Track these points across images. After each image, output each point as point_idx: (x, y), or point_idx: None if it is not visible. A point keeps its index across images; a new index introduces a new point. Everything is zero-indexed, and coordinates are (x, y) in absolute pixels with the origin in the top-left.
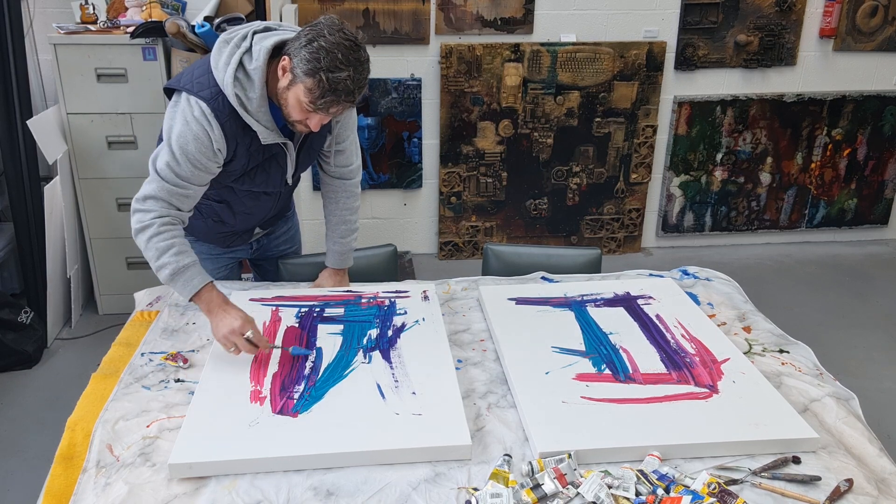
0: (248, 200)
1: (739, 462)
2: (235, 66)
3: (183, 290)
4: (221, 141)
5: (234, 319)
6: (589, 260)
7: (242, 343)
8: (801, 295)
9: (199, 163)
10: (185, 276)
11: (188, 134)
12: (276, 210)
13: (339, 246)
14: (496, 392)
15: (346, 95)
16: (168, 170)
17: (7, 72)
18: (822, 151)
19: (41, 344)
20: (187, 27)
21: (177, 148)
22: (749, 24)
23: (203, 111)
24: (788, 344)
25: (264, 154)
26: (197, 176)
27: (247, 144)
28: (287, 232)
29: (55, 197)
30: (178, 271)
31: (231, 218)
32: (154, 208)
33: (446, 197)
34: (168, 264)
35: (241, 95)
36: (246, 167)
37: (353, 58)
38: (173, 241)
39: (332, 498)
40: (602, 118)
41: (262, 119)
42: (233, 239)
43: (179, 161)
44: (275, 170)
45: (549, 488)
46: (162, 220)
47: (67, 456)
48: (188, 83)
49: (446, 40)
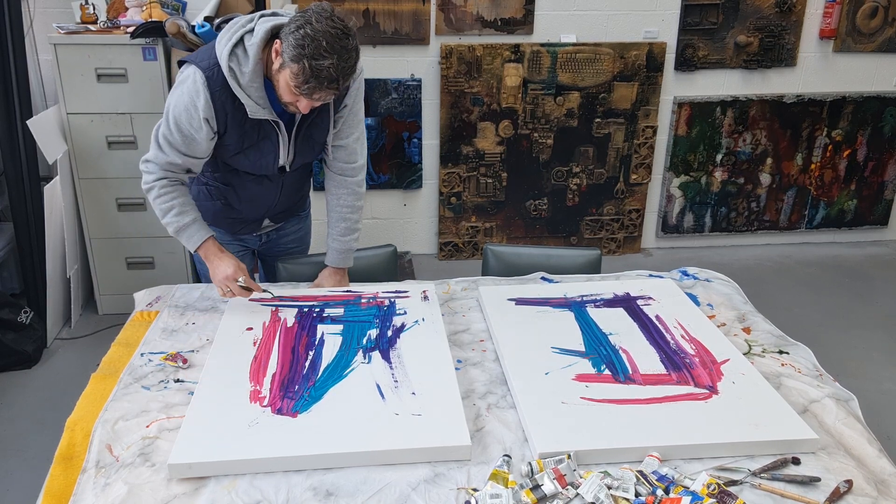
0: (251, 184)
1: (739, 463)
2: (236, 41)
3: (187, 244)
4: (209, 110)
5: (227, 266)
6: (589, 260)
7: (235, 287)
8: (801, 296)
9: (187, 132)
10: (187, 233)
11: (181, 103)
12: (285, 205)
13: (338, 244)
14: (496, 392)
15: (329, 83)
16: (163, 138)
17: (7, 72)
18: (821, 152)
19: (41, 344)
20: (187, 27)
21: (171, 116)
22: (749, 24)
23: (196, 80)
24: (788, 345)
25: (259, 134)
26: (187, 145)
27: (239, 120)
28: (297, 231)
29: (55, 197)
30: (181, 229)
31: (237, 202)
32: (154, 171)
33: (446, 197)
34: (171, 223)
35: (234, 68)
36: (241, 144)
37: (339, 46)
38: (173, 203)
39: (332, 498)
40: (602, 119)
41: (252, 94)
42: (241, 226)
43: (171, 129)
44: (268, 150)
45: (549, 489)
46: (161, 183)
47: (67, 456)
48: (195, 56)
49: (446, 41)
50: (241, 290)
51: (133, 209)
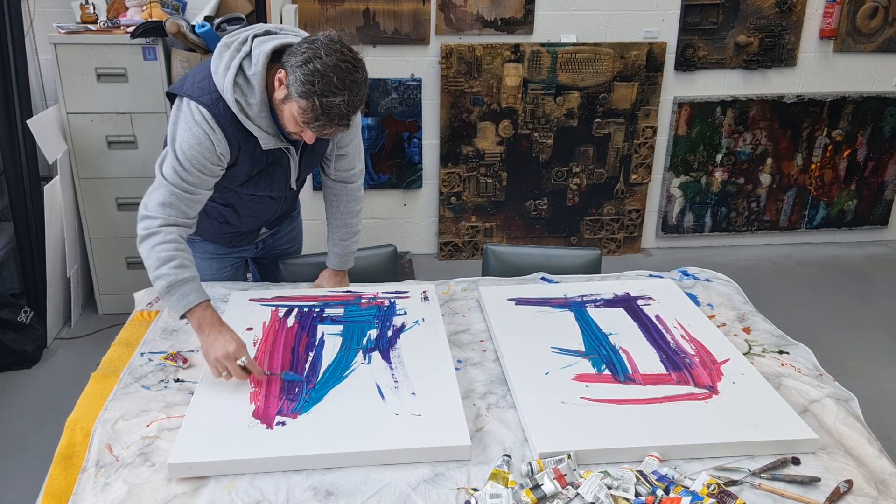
0: (253, 204)
1: (739, 463)
2: (235, 71)
3: (177, 303)
4: (224, 145)
5: (228, 342)
6: (589, 260)
7: (235, 369)
8: (801, 296)
9: (203, 167)
10: (181, 290)
11: (191, 139)
12: (282, 211)
13: (339, 248)
14: (496, 392)
15: (340, 119)
16: (175, 175)
17: (7, 71)
18: (821, 152)
19: (41, 344)
20: (187, 27)
21: (181, 154)
22: (749, 24)
23: (204, 116)
24: (788, 345)
25: (268, 159)
26: (203, 180)
27: (250, 150)
28: (291, 232)
29: (55, 197)
30: (176, 284)
31: (237, 220)
32: (161, 215)
33: (446, 197)
34: (167, 275)
35: (241, 101)
36: (250, 172)
37: (350, 80)
38: (176, 254)
39: (332, 498)
40: (602, 119)
41: (262, 124)
42: (239, 239)
43: (185, 167)
44: (279, 175)
45: (549, 489)
46: (169, 230)
47: (67, 456)
48: (189, 88)
49: (446, 40)
50: (241, 373)
51: (133, 209)
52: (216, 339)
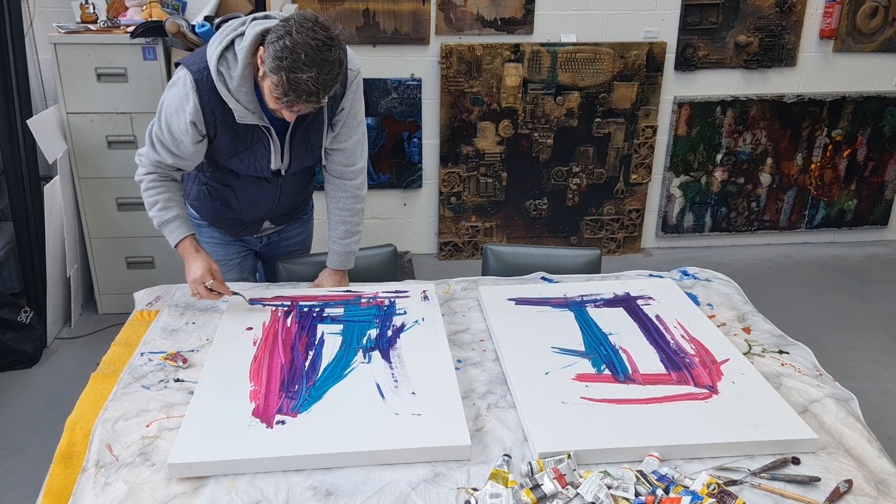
0: (249, 185)
1: (739, 463)
2: (226, 45)
3: (169, 240)
4: (197, 114)
5: (197, 268)
6: (589, 260)
7: (203, 290)
8: (801, 296)
9: (177, 133)
10: (168, 228)
11: (172, 105)
12: (285, 207)
13: (339, 247)
14: (496, 392)
15: (308, 96)
16: (155, 137)
17: (7, 71)
18: (821, 152)
19: (41, 343)
20: (187, 27)
21: (163, 116)
22: (749, 24)
23: (186, 83)
24: (788, 345)
25: (252, 137)
26: (177, 146)
27: (230, 123)
28: (299, 235)
29: (55, 196)
30: (163, 224)
31: (237, 204)
32: (146, 164)
33: (446, 197)
34: (155, 217)
35: (223, 72)
36: (234, 148)
37: (320, 58)
38: (158, 198)
39: (332, 498)
40: (602, 119)
41: (241, 98)
42: (241, 228)
43: (163, 129)
44: (261, 153)
45: (549, 489)
46: (150, 178)
47: (67, 455)
48: (189, 59)
49: (446, 40)
50: (209, 293)
51: (133, 209)
52: (190, 266)
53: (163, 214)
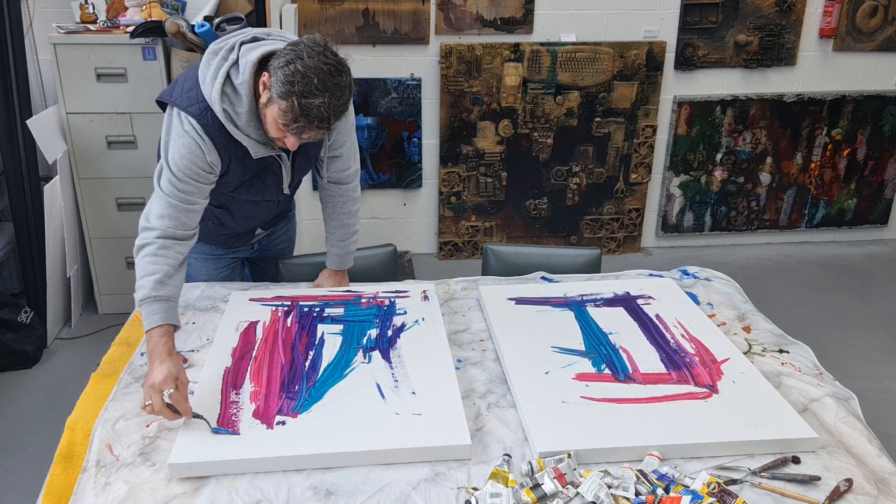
0: (247, 207)
1: (739, 462)
2: (222, 80)
3: (145, 318)
4: (214, 154)
5: (160, 373)
6: (589, 260)
7: (157, 401)
8: (801, 295)
9: (197, 176)
10: (151, 308)
11: (183, 150)
12: (277, 213)
13: (338, 248)
14: (496, 392)
15: (320, 122)
16: (171, 186)
17: (7, 71)
18: (821, 151)
19: (41, 344)
20: (187, 27)
21: (174, 165)
22: (749, 24)
23: (193, 127)
24: (788, 344)
25: (259, 165)
26: (199, 188)
27: (240, 157)
28: (286, 232)
29: (55, 197)
30: (147, 299)
31: (231, 222)
32: (159, 226)
33: (446, 197)
34: (143, 287)
35: (229, 111)
36: (242, 179)
37: (331, 83)
38: (161, 268)
39: (332, 498)
40: (602, 118)
41: (251, 133)
42: (234, 240)
43: (179, 177)
44: (271, 180)
45: (549, 488)
46: (164, 243)
47: (67, 455)
48: (178, 97)
49: (446, 40)
50: (162, 407)
51: (133, 209)
52: (152, 368)
53: (156, 289)
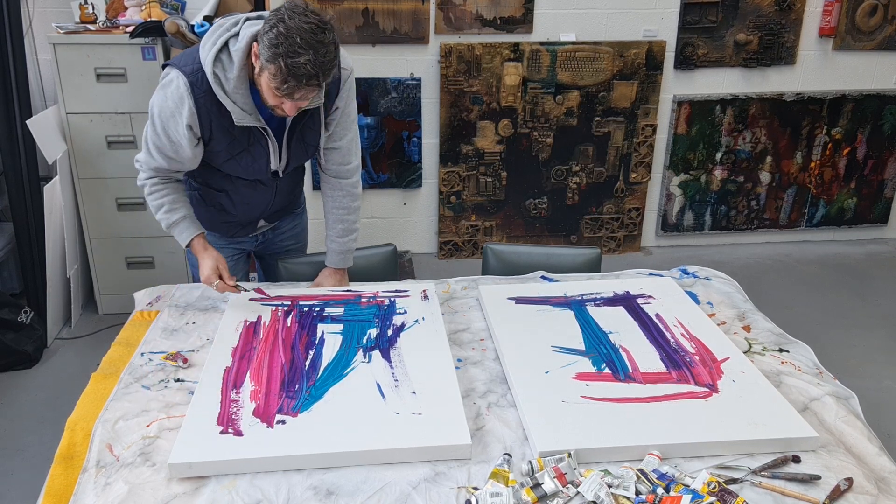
0: (244, 189)
1: (739, 461)
2: (220, 46)
3: (178, 240)
4: (192, 117)
5: (204, 269)
6: (588, 259)
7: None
8: (801, 294)
9: (171, 136)
10: (177, 230)
11: (166, 109)
12: (279, 205)
13: (337, 245)
14: (496, 391)
15: (308, 80)
16: (151, 143)
17: (6, 72)
18: (821, 151)
19: (41, 344)
20: (186, 27)
21: (157, 120)
22: (749, 23)
23: (179, 85)
24: (788, 343)
25: (249, 139)
26: (173, 149)
27: (225, 126)
28: (293, 229)
29: (55, 197)
30: (171, 226)
31: (231, 207)
32: (144, 170)
33: (446, 196)
34: (162, 220)
35: (219, 74)
36: (230, 151)
37: (315, 40)
38: (163, 200)
39: (332, 497)
40: (602, 118)
41: (238, 100)
42: (236, 230)
43: (158, 133)
44: (259, 154)
45: (549, 487)
46: (152, 182)
47: (67, 456)
48: (178, 59)
49: (446, 40)
50: (224, 288)
51: (133, 209)
52: (200, 266)
53: (170, 217)
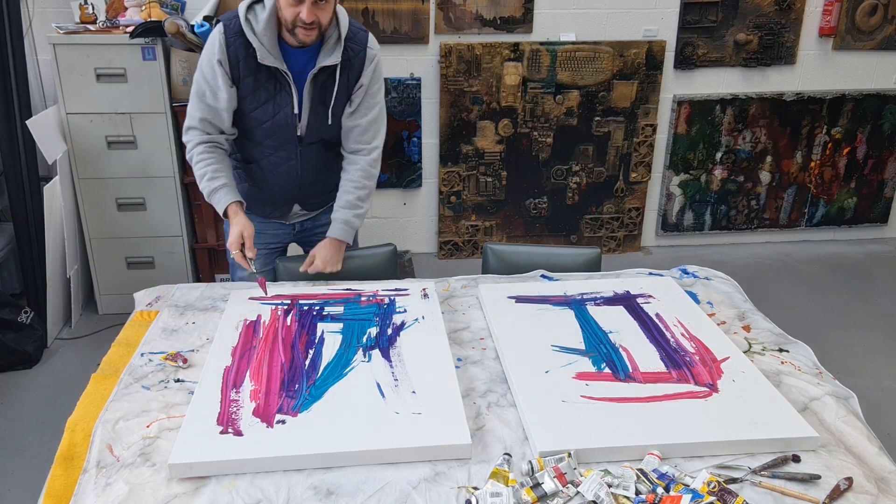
0: (272, 157)
1: (739, 461)
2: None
3: (216, 208)
4: (223, 53)
5: (231, 235)
6: (588, 259)
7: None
8: (801, 294)
9: (208, 77)
10: (215, 198)
11: (205, 55)
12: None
13: (340, 214)
14: (496, 391)
15: None
16: (194, 91)
17: (6, 72)
18: (821, 150)
19: (41, 344)
20: (186, 27)
21: (199, 66)
22: (748, 22)
23: (216, 30)
24: (788, 343)
25: (275, 87)
26: (211, 92)
27: (252, 68)
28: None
29: (55, 197)
30: (210, 194)
31: (263, 179)
32: (193, 137)
33: (446, 196)
34: (204, 189)
35: (251, 18)
36: (256, 96)
37: None
38: (206, 169)
39: (332, 497)
40: (602, 117)
41: (265, 41)
42: (271, 209)
43: (198, 79)
44: (283, 103)
45: (549, 487)
46: (199, 149)
47: (68, 456)
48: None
49: (446, 40)
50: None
51: (133, 209)
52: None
53: (210, 184)
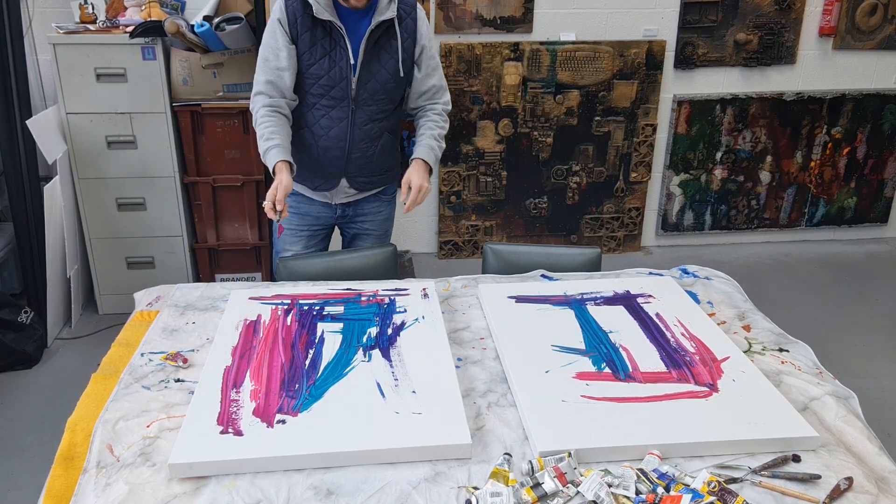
0: (324, 120)
1: (739, 461)
2: None
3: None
4: (282, 13)
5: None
6: (589, 259)
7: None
8: (801, 294)
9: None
10: (268, 156)
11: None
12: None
13: (425, 140)
14: (496, 391)
15: None
16: (261, 55)
17: (6, 72)
18: (821, 150)
19: (41, 344)
20: (186, 27)
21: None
22: (749, 22)
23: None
24: (788, 343)
25: (330, 43)
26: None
27: (308, 25)
28: (379, 214)
29: (55, 197)
30: (264, 153)
31: (314, 143)
32: (257, 102)
33: (446, 196)
34: (260, 147)
35: None
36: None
37: None
38: (264, 130)
39: (332, 497)
40: (602, 117)
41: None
42: (320, 181)
43: (263, 43)
44: (338, 57)
45: (549, 487)
46: (262, 112)
47: (68, 456)
48: None
49: (446, 39)
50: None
51: (133, 209)
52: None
53: (265, 144)
